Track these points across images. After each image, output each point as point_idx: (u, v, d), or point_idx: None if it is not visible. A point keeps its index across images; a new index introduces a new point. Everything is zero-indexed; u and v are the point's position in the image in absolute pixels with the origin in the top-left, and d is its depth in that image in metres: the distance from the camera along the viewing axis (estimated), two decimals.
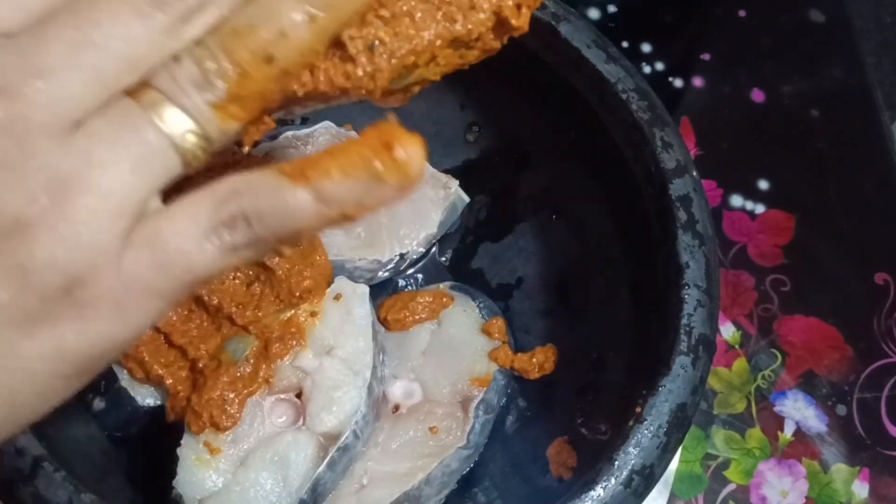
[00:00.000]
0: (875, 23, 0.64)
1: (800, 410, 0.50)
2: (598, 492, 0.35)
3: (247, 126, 0.24)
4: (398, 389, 0.43)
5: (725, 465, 0.49)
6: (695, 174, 0.42)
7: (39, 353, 0.21)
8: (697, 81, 0.60)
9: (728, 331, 0.52)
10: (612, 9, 0.62)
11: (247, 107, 0.23)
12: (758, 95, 0.60)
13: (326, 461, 0.38)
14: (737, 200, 0.56)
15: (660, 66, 0.60)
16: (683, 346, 0.38)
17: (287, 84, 0.24)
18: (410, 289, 0.48)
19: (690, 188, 0.41)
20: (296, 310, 0.42)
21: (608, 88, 0.43)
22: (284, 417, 0.40)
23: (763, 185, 0.57)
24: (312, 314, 0.42)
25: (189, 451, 0.38)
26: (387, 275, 0.47)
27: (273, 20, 0.22)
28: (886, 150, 0.58)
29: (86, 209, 0.21)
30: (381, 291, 0.47)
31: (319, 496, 0.39)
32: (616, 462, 0.36)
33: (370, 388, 0.41)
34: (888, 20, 0.64)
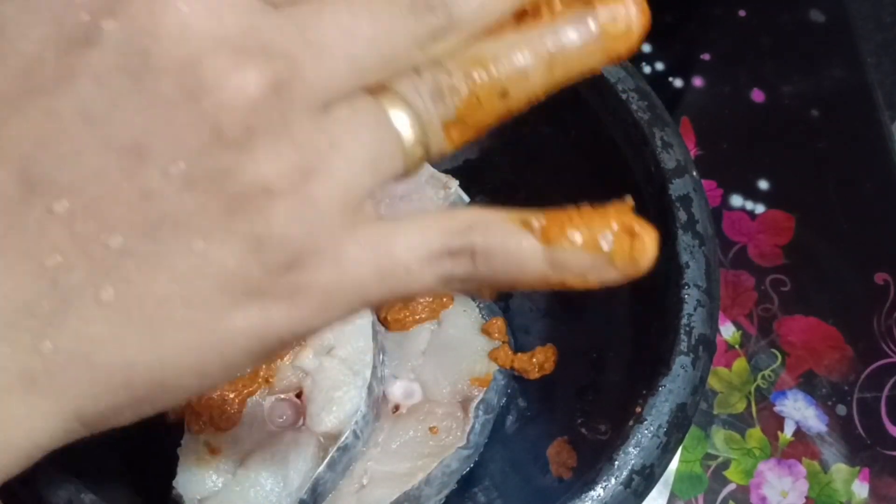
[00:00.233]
0: (875, 23, 0.64)
1: (800, 410, 0.50)
2: (598, 492, 0.35)
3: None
4: (398, 389, 0.43)
5: (725, 465, 0.49)
6: (695, 174, 0.42)
7: (244, 328, 0.21)
8: (697, 81, 0.60)
9: (728, 331, 0.52)
10: None
11: (465, 134, 0.23)
12: (758, 95, 0.60)
13: (326, 461, 0.38)
14: (737, 200, 0.56)
15: (660, 66, 0.60)
16: (683, 346, 0.38)
17: (500, 121, 0.24)
18: None
19: (690, 188, 0.41)
20: None
21: (608, 88, 0.43)
22: (284, 417, 0.40)
23: (763, 185, 0.57)
24: None
25: (189, 451, 0.38)
26: None
27: (518, 59, 0.22)
28: (886, 150, 0.58)
29: (324, 194, 0.20)
30: None
31: (319, 496, 0.39)
32: (616, 462, 0.36)
33: (370, 388, 0.41)
34: (888, 20, 0.64)
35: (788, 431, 0.50)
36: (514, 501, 0.43)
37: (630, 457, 0.36)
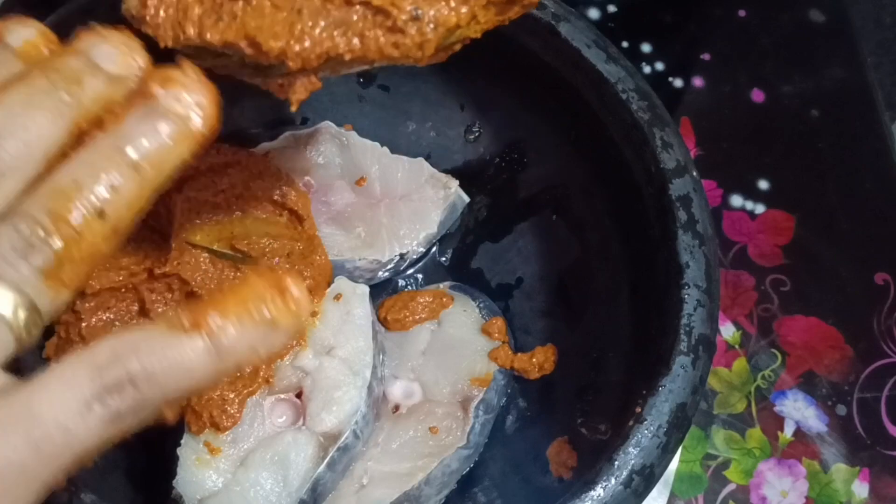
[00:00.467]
0: (875, 23, 0.64)
1: (800, 410, 0.50)
2: (598, 492, 0.35)
3: (295, 99, 0.24)
4: (398, 389, 0.43)
5: (725, 465, 0.49)
6: (695, 174, 0.42)
7: None
8: (697, 81, 0.60)
9: (728, 331, 0.52)
10: (612, 9, 0.62)
11: (79, 270, 0.22)
12: (758, 95, 0.60)
13: (326, 461, 0.38)
14: (737, 200, 0.56)
15: (660, 66, 0.60)
16: (683, 346, 0.38)
17: (116, 244, 0.23)
18: (410, 289, 0.48)
19: (690, 188, 0.41)
20: None
21: (608, 88, 0.43)
22: (284, 417, 0.40)
23: (763, 185, 0.57)
24: (312, 314, 0.42)
25: (189, 451, 0.38)
26: (387, 275, 0.47)
27: (100, 176, 0.21)
28: (886, 150, 0.58)
29: None
30: (381, 291, 0.47)
31: (319, 496, 0.39)
32: (616, 462, 0.36)
33: (370, 388, 0.41)
34: (888, 20, 0.64)
35: (788, 431, 0.50)
36: (514, 501, 0.43)
37: (630, 457, 0.36)
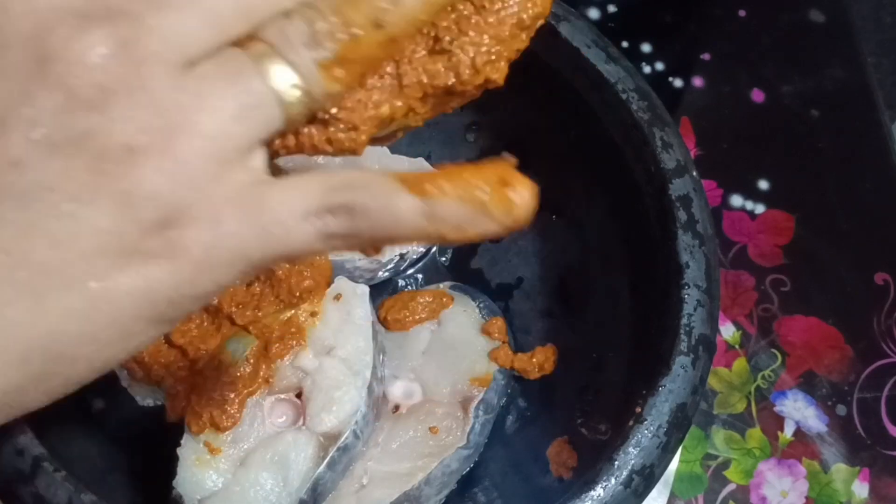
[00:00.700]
0: (875, 23, 0.64)
1: (800, 410, 0.50)
2: (598, 492, 0.35)
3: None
4: (398, 389, 0.43)
5: (725, 465, 0.49)
6: (695, 174, 0.42)
7: (129, 289, 0.21)
8: (697, 81, 0.60)
9: (728, 331, 0.52)
10: (612, 9, 0.62)
11: (351, 70, 0.23)
12: (758, 95, 0.60)
13: (326, 461, 0.38)
14: (737, 200, 0.56)
15: (660, 66, 0.60)
16: (683, 346, 0.38)
17: (391, 52, 0.24)
18: (410, 289, 0.48)
19: (690, 188, 0.41)
20: (296, 310, 0.42)
21: (608, 88, 0.43)
22: (284, 417, 0.40)
23: (763, 185, 0.57)
24: (312, 314, 0.42)
25: (189, 451, 0.38)
26: (387, 275, 0.47)
27: None
28: (886, 150, 0.58)
29: (191, 149, 0.20)
30: (381, 291, 0.47)
31: (319, 496, 0.39)
32: (616, 462, 0.36)
33: (370, 388, 0.41)
34: (888, 20, 0.64)
35: (788, 431, 0.50)
36: (514, 501, 0.43)
37: (630, 457, 0.36)
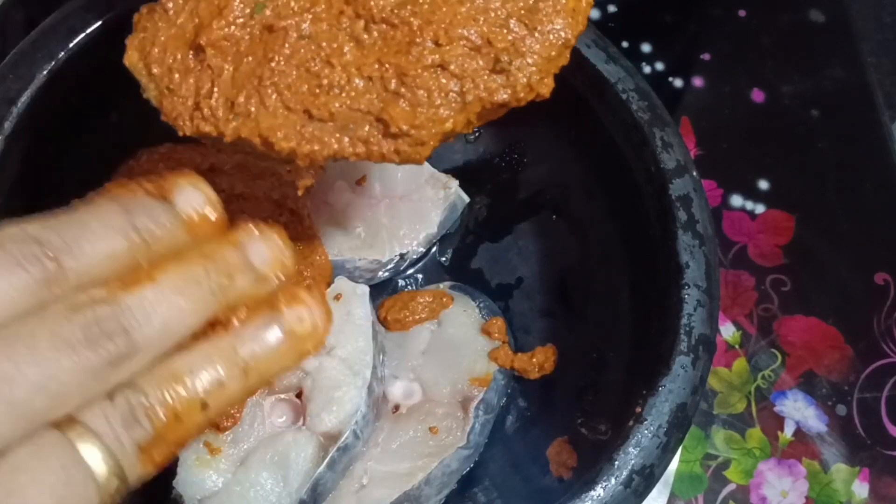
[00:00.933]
0: (875, 23, 0.64)
1: (800, 410, 0.50)
2: (598, 492, 0.35)
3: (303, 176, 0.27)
4: (398, 389, 0.43)
5: (725, 465, 0.49)
6: (695, 174, 0.42)
7: None
8: (697, 81, 0.60)
9: (728, 331, 0.52)
10: (612, 9, 0.62)
11: (166, 452, 0.23)
12: (758, 95, 0.60)
13: (326, 461, 0.38)
14: (737, 200, 0.56)
15: (660, 66, 0.60)
16: (683, 346, 0.38)
17: (204, 431, 0.25)
18: (410, 289, 0.48)
19: (690, 188, 0.41)
20: None
21: (608, 88, 0.43)
22: (284, 417, 0.40)
23: (763, 185, 0.57)
24: None
25: (189, 451, 0.38)
26: (387, 275, 0.47)
27: (214, 371, 0.23)
28: (886, 150, 0.58)
29: None
30: (381, 291, 0.47)
31: (319, 496, 0.39)
32: (616, 462, 0.36)
33: (370, 388, 0.41)
34: (888, 20, 0.64)
35: (788, 431, 0.50)
36: (514, 501, 0.43)
37: (630, 457, 0.36)
